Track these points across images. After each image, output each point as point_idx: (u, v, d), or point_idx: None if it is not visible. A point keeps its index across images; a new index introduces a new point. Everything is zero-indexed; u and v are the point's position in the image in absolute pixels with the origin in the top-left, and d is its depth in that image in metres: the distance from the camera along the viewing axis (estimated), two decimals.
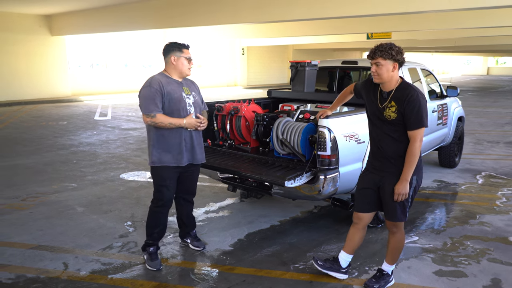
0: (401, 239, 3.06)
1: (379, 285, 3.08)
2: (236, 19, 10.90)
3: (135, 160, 7.03)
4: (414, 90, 2.79)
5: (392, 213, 2.91)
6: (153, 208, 3.40)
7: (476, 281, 3.24)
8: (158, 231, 3.43)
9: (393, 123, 2.81)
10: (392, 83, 2.82)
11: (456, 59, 53.37)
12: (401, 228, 3.02)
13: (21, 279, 3.18)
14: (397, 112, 2.77)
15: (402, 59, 2.78)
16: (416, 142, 2.74)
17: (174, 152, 3.25)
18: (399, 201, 2.85)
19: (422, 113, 2.74)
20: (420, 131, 2.75)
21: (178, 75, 3.31)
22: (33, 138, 8.92)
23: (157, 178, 3.33)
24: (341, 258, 3.23)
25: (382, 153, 2.90)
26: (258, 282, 3.18)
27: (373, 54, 2.78)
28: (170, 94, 3.19)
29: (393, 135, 2.84)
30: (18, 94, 15.68)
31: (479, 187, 5.72)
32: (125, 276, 3.24)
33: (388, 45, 2.75)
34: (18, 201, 4.92)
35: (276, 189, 3.81)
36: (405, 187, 2.79)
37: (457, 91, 6.00)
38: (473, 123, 11.46)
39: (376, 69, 2.79)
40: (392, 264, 3.12)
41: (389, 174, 2.88)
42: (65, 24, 15.99)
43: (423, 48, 27.70)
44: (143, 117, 3.17)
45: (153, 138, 3.25)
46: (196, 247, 3.70)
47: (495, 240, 4.02)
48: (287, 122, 3.95)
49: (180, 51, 3.26)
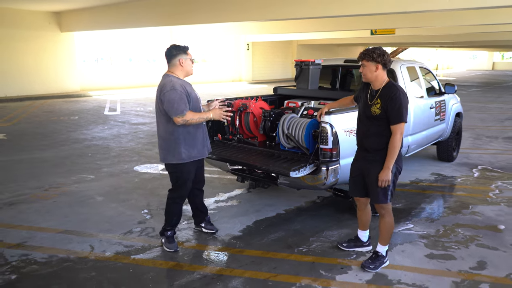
0: (390, 221, 3.42)
1: (374, 265, 3.43)
2: (241, 18, 11.19)
3: (147, 153, 7.38)
4: (397, 89, 3.18)
5: (375, 196, 3.33)
6: (173, 199, 3.71)
7: (464, 263, 3.57)
8: (176, 219, 3.79)
9: (377, 118, 3.20)
10: (378, 82, 3.24)
11: (461, 54, 53.26)
12: (389, 211, 3.40)
13: (53, 258, 3.54)
14: (381, 108, 3.17)
15: (383, 61, 3.17)
16: (396, 135, 3.15)
17: (200, 146, 3.60)
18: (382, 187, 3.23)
19: (402, 110, 3.13)
20: (400, 125, 3.14)
21: (184, 76, 3.60)
22: (46, 132, 9.30)
23: (184, 173, 3.60)
24: (360, 235, 3.76)
25: (368, 145, 3.31)
26: (265, 263, 3.53)
27: (359, 57, 3.27)
28: (191, 94, 3.50)
29: (377, 130, 3.23)
30: (29, 89, 16.08)
31: (475, 180, 6.02)
32: (146, 257, 3.60)
33: (371, 49, 3.21)
34: (41, 191, 5.29)
35: (282, 180, 4.14)
36: (387, 174, 3.19)
37: (455, 88, 6.29)
38: (474, 118, 11.71)
39: (362, 70, 3.26)
40: (384, 245, 3.47)
41: (373, 163, 3.28)
42: (74, 20, 16.34)
43: (427, 43, 27.83)
44: (175, 118, 3.36)
45: (179, 137, 3.49)
46: (209, 230, 4.07)
47: (485, 228, 4.33)
48: (292, 118, 4.28)
49: (185, 53, 3.55)
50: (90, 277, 3.27)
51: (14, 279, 3.23)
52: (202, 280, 3.26)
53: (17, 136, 8.83)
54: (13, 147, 7.78)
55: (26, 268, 3.38)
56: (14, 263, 3.46)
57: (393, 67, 5.37)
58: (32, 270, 3.36)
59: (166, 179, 5.79)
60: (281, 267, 3.47)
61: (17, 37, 15.71)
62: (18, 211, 4.62)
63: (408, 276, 3.35)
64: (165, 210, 3.77)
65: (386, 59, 3.19)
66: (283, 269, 3.44)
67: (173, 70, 3.55)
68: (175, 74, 3.55)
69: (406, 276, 3.34)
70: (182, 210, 3.84)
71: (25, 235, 3.99)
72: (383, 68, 3.21)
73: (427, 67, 6.41)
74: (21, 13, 15.70)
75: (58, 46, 17.05)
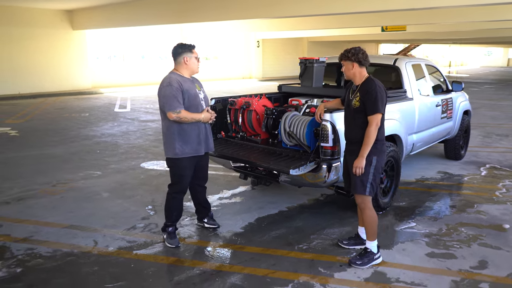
0: (371, 215, 3.46)
1: (362, 261, 3.44)
2: (249, 15, 11.22)
3: (154, 150, 7.47)
4: (374, 83, 3.34)
5: (354, 186, 3.45)
6: (172, 195, 3.78)
7: (465, 262, 3.56)
8: (176, 214, 3.84)
9: (357, 110, 3.35)
10: (358, 78, 3.43)
11: (475, 51, 52.40)
12: (368, 204, 3.47)
13: (58, 252, 3.63)
14: (359, 101, 3.33)
15: (358, 59, 3.36)
16: (371, 126, 3.28)
17: (194, 143, 3.63)
18: (358, 175, 3.33)
19: (378, 101, 3.27)
20: (375, 116, 3.29)
21: (189, 74, 3.67)
22: (57, 129, 9.46)
23: (178, 168, 3.69)
24: (361, 232, 3.76)
25: (350, 137, 3.47)
26: (264, 260, 3.56)
27: (339, 58, 3.50)
28: (188, 91, 3.56)
29: (357, 122, 3.37)
30: (41, 86, 16.34)
31: (482, 179, 5.96)
32: (148, 252, 3.67)
33: (348, 49, 3.42)
34: (49, 187, 5.40)
35: (284, 177, 4.17)
36: (361, 162, 3.30)
37: (462, 85, 6.23)
38: (485, 116, 11.55)
39: (343, 69, 3.49)
40: (371, 240, 3.49)
41: (355, 154, 3.38)
42: (86, 18, 16.54)
43: (439, 40, 27.46)
44: (168, 114, 3.47)
45: (174, 132, 3.58)
46: (211, 225, 4.13)
47: (489, 227, 4.30)
48: (294, 116, 4.29)
49: (191, 51, 3.63)
50: (92, 271, 3.35)
51: (19, 272, 3.32)
52: (202, 275, 3.31)
53: (29, 133, 9.00)
54: (24, 143, 7.94)
55: (31, 262, 3.47)
56: (20, 256, 3.55)
57: (398, 65, 5.35)
58: (37, 263, 3.45)
59: None
60: (280, 264, 3.50)
61: (30, 35, 15.98)
62: (26, 206, 4.73)
63: (407, 274, 3.35)
64: (164, 205, 3.83)
65: (360, 57, 3.36)
66: (282, 266, 3.47)
67: (178, 68, 3.64)
68: (179, 72, 3.62)
69: (405, 275, 3.34)
70: (182, 205, 3.87)
71: (32, 229, 4.09)
72: (360, 66, 3.39)
73: (434, 65, 6.35)
74: (34, 12, 15.96)
75: (70, 44, 17.29)
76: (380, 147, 3.41)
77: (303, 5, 9.76)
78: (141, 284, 3.18)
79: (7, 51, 15.44)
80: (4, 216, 4.42)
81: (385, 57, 5.80)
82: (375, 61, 5.89)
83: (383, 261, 3.53)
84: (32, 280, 3.21)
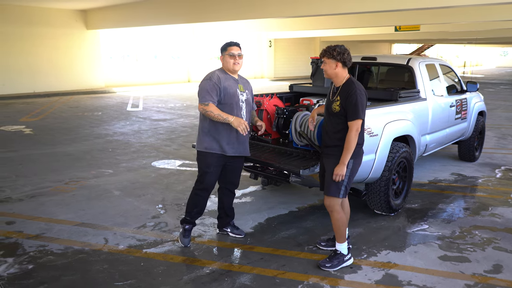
0: (339, 218, 3.41)
1: (331, 264, 3.39)
2: (261, 15, 11.19)
3: (165, 149, 7.50)
4: (355, 86, 3.21)
5: (327, 188, 3.37)
6: (195, 190, 3.76)
7: (478, 266, 3.48)
8: (196, 211, 3.78)
9: (337, 115, 3.25)
10: (339, 79, 3.30)
11: (490, 51, 51.56)
12: (336, 207, 3.40)
13: (69, 250, 3.66)
14: (340, 106, 3.21)
15: (343, 59, 3.24)
16: (352, 132, 3.19)
17: (223, 142, 3.59)
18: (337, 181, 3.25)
19: (358, 107, 3.16)
20: (356, 122, 3.19)
21: (230, 71, 3.69)
22: (71, 127, 9.57)
23: (203, 163, 3.67)
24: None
25: (326, 140, 3.38)
26: (274, 260, 3.54)
27: (321, 53, 3.34)
28: (226, 89, 3.55)
29: (336, 127, 3.27)
30: (55, 85, 16.55)
31: (496, 181, 5.85)
32: (158, 251, 3.67)
33: (333, 47, 3.26)
34: (62, 184, 5.45)
35: (294, 177, 4.13)
36: (342, 169, 3.22)
37: (477, 86, 6.12)
38: (500, 117, 11.35)
39: (323, 66, 3.34)
40: (340, 242, 3.45)
41: (330, 157, 3.32)
42: (100, 18, 16.71)
43: (454, 40, 27.09)
44: (199, 105, 3.55)
45: (207, 126, 3.61)
46: (237, 234, 3.97)
47: (504, 230, 4.21)
48: (305, 115, 4.25)
49: (225, 50, 3.67)
50: (102, 269, 3.36)
51: (30, 268, 3.35)
52: (211, 275, 3.30)
53: (43, 131, 9.12)
54: (38, 142, 8.04)
55: (42, 259, 3.50)
56: (32, 253, 3.59)
57: (411, 64, 5.27)
58: (48, 260, 3.48)
59: (182, 175, 5.89)
60: (290, 265, 3.47)
61: (44, 35, 16.20)
62: (39, 203, 4.79)
63: (419, 277, 3.29)
64: (187, 200, 3.82)
65: (345, 58, 3.25)
66: (292, 266, 3.44)
67: (222, 65, 3.75)
68: (223, 68, 3.73)
69: (417, 278, 3.29)
70: (204, 204, 3.80)
71: (44, 226, 4.14)
72: (343, 66, 3.27)
73: (448, 65, 6.25)
74: (48, 11, 16.18)
75: (84, 44, 17.49)
76: (358, 150, 3.31)
77: (315, 4, 9.71)
78: (151, 282, 3.19)
79: (22, 51, 15.68)
80: (17, 213, 4.48)
81: (398, 57, 5.73)
82: (388, 61, 5.83)
83: (394, 264, 3.49)
84: (43, 277, 3.24)
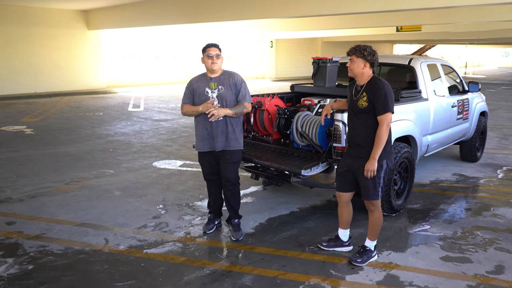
0: (379, 217, 3.44)
1: (362, 259, 3.45)
2: (263, 15, 11.18)
3: (166, 149, 7.49)
4: (381, 81, 3.22)
5: (366, 192, 3.35)
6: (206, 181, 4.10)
7: (480, 267, 3.46)
8: (211, 200, 4.09)
9: (364, 111, 3.22)
10: (363, 78, 3.30)
11: (492, 51, 51.47)
12: (378, 207, 3.43)
13: (69, 250, 3.65)
14: (367, 101, 3.19)
15: (372, 60, 3.25)
16: (383, 126, 3.16)
17: (198, 140, 3.85)
18: (369, 178, 3.23)
19: (388, 100, 3.15)
20: (386, 115, 3.17)
21: (209, 71, 3.81)
22: (72, 128, 9.56)
23: (199, 160, 4.01)
24: (341, 234, 3.72)
25: (357, 140, 3.32)
26: (275, 261, 3.52)
27: (350, 51, 3.30)
28: (195, 90, 3.80)
29: (364, 124, 3.25)
30: (57, 85, 16.56)
31: (498, 181, 5.82)
32: (158, 251, 3.66)
33: (363, 46, 3.27)
34: (62, 185, 5.45)
35: (295, 178, 4.12)
36: (373, 164, 3.18)
37: (478, 86, 6.10)
38: (502, 117, 11.32)
39: (350, 64, 3.31)
40: (372, 240, 3.50)
41: (362, 159, 3.28)
42: (101, 19, 16.72)
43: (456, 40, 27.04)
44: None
45: (195, 128, 3.92)
46: (232, 236, 3.96)
47: (506, 231, 4.18)
48: (306, 116, 4.24)
49: (204, 51, 3.78)
50: (103, 269, 3.35)
51: (30, 269, 3.34)
52: (211, 276, 3.28)
53: (44, 131, 9.12)
54: (39, 142, 8.04)
55: (42, 259, 3.49)
56: (32, 253, 3.58)
57: (413, 64, 5.26)
58: (48, 261, 3.47)
59: (183, 175, 5.88)
60: (291, 265, 3.46)
61: (46, 35, 16.21)
62: (40, 203, 4.78)
63: (421, 278, 3.28)
64: None
65: (375, 59, 3.27)
66: (292, 267, 3.43)
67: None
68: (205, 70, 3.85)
69: (418, 278, 3.27)
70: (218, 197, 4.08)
71: (44, 227, 4.13)
72: (370, 67, 3.28)
73: (450, 65, 6.23)
74: (49, 12, 16.18)
75: (85, 44, 17.49)
76: (390, 149, 3.32)
77: (317, 4, 9.69)
78: (151, 283, 3.18)
79: (24, 51, 15.69)
80: (18, 213, 4.48)
81: (400, 57, 5.71)
82: (389, 61, 5.82)
83: (396, 264, 3.47)
84: (43, 277, 3.23)
